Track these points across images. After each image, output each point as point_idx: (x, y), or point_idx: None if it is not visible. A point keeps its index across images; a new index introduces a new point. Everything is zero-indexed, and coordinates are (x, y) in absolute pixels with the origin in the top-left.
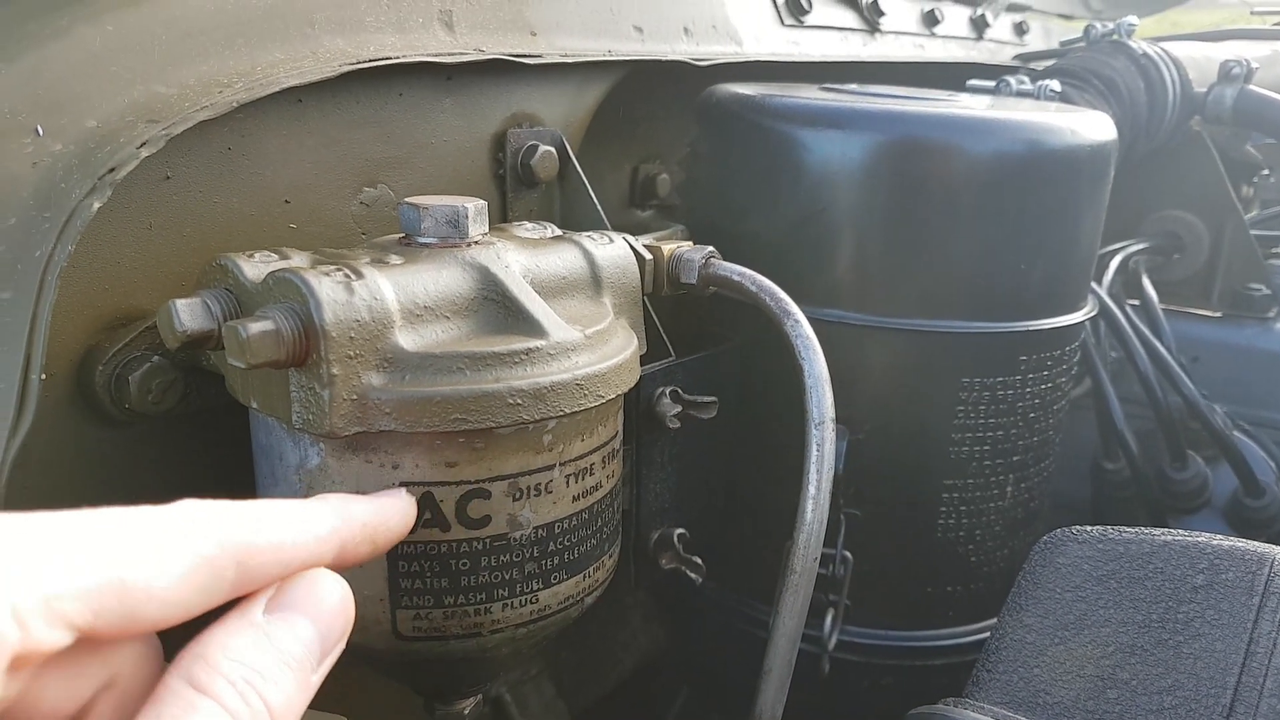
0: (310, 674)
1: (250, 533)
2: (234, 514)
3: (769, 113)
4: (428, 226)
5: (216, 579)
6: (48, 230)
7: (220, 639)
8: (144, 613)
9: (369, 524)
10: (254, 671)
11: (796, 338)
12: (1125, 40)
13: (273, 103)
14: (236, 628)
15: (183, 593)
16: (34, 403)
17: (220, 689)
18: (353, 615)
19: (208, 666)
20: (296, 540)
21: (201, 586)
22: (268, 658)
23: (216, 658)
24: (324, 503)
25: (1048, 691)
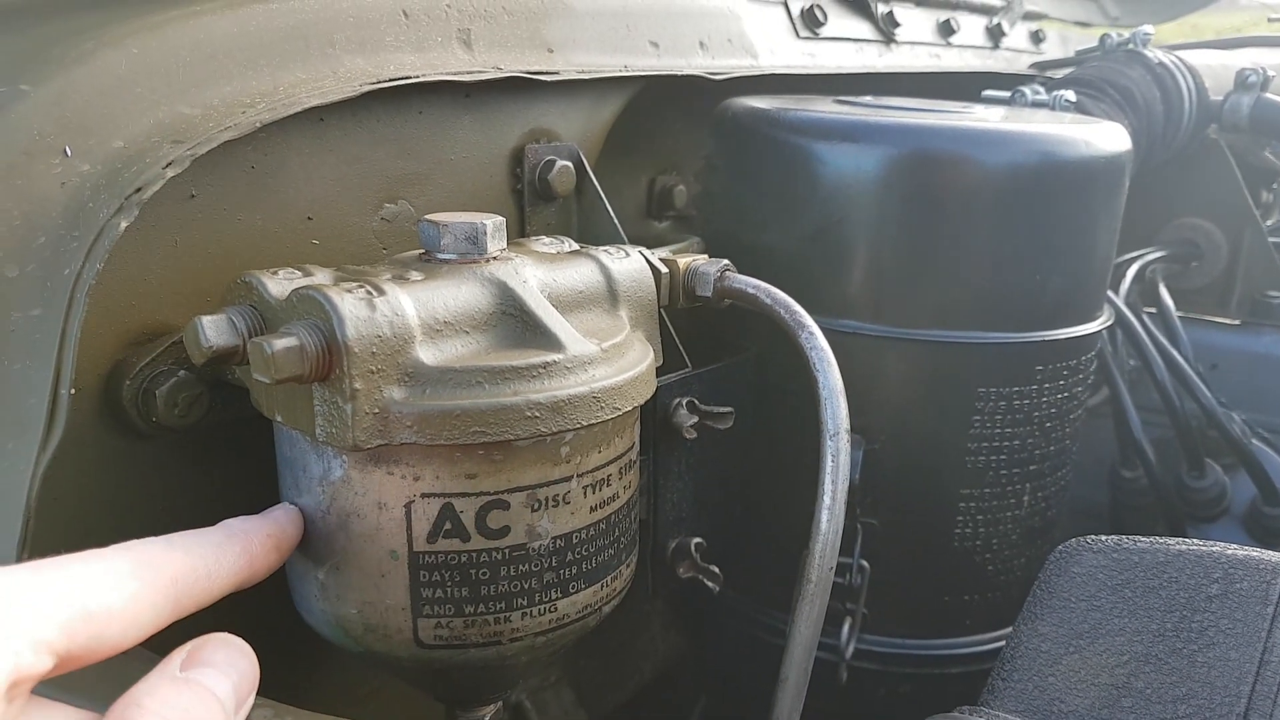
0: (231, 718)
1: (179, 560)
2: (163, 546)
3: (784, 126)
4: (447, 243)
5: (162, 601)
6: (76, 249)
7: (145, 689)
8: (108, 633)
9: (272, 535)
10: (183, 713)
11: (811, 350)
12: (1141, 49)
13: (295, 122)
14: (157, 681)
15: (137, 615)
16: (64, 416)
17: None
18: (255, 669)
19: (141, 710)
20: (218, 562)
21: (152, 607)
22: (192, 701)
23: (144, 702)
24: (228, 529)
25: (1062, 700)
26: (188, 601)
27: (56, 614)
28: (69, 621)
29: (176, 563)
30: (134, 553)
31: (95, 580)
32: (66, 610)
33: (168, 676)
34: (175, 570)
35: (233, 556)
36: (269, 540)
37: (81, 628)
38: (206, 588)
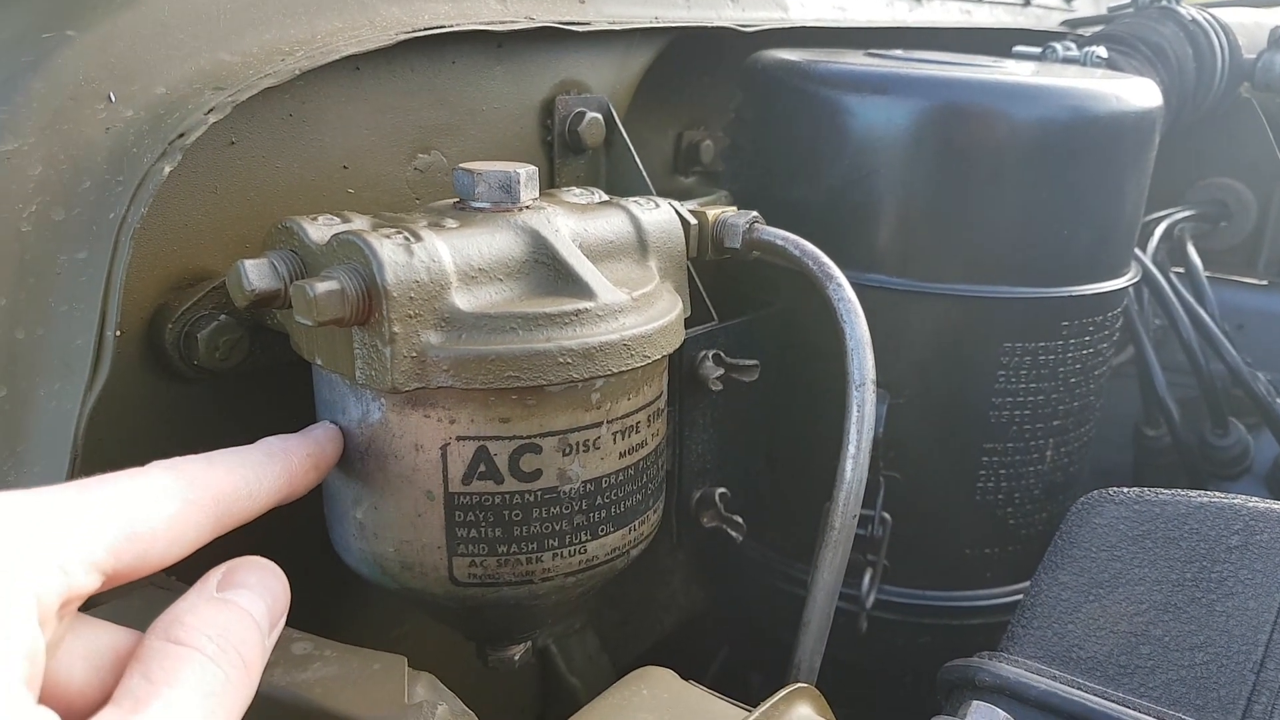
0: (265, 637)
1: (223, 479)
2: (204, 465)
3: (814, 78)
4: (481, 191)
5: (205, 519)
6: (121, 193)
7: (186, 607)
8: (152, 551)
9: (312, 455)
10: (221, 629)
11: (839, 301)
12: (1174, 6)
13: (331, 71)
14: (197, 600)
15: (179, 532)
16: (109, 357)
17: (198, 640)
18: (287, 591)
19: (184, 626)
20: (260, 481)
21: (195, 526)
22: (231, 620)
23: (188, 620)
24: (269, 447)
25: (1081, 647)
26: (229, 519)
27: (105, 534)
28: (116, 541)
29: (219, 480)
30: (177, 471)
31: (140, 499)
32: (114, 530)
33: (206, 596)
34: (217, 488)
35: (273, 475)
36: (308, 459)
37: (127, 546)
38: (247, 506)
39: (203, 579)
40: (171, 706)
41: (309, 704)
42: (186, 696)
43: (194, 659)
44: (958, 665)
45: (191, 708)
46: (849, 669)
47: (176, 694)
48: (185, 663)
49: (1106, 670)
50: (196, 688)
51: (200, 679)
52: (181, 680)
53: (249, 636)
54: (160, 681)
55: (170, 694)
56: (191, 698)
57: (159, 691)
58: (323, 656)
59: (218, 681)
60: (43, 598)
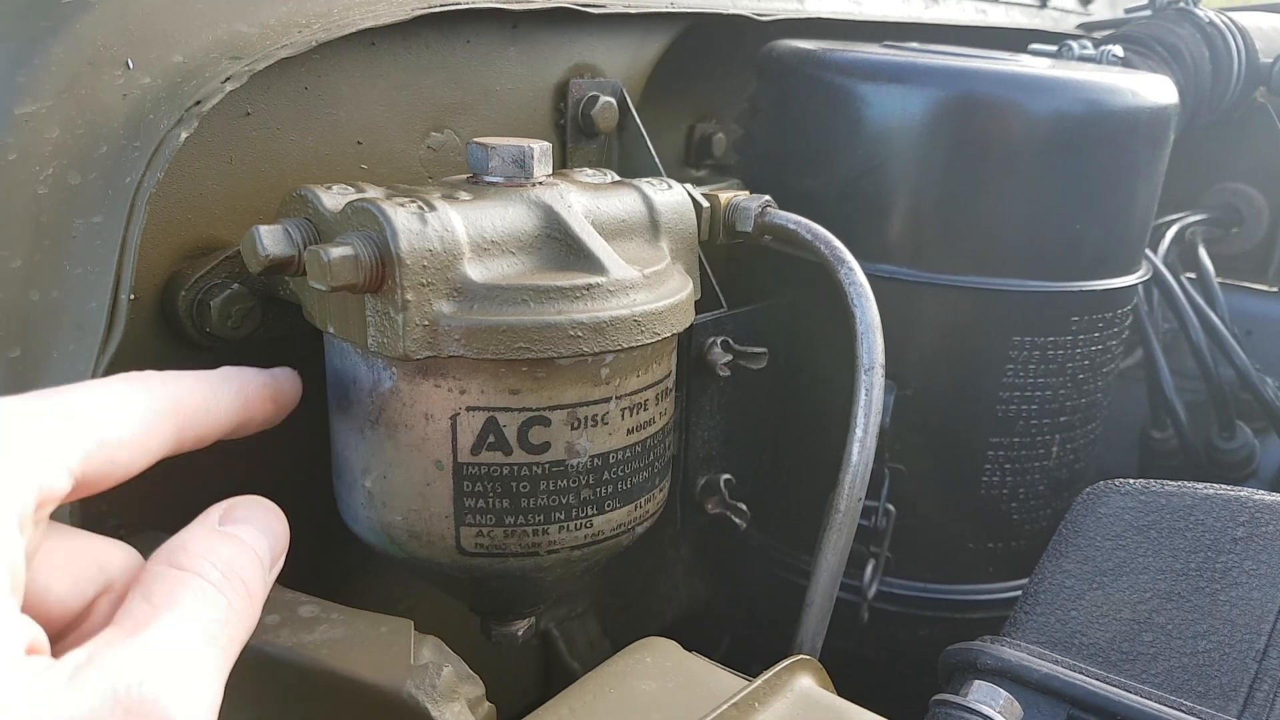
0: (267, 572)
1: (184, 393)
2: (162, 380)
3: (829, 67)
4: (495, 165)
5: (165, 426)
6: (137, 158)
7: (190, 536)
8: (119, 459)
9: (267, 384)
10: (227, 559)
11: (850, 285)
12: (1191, 8)
13: (347, 45)
14: (200, 531)
15: (144, 441)
16: (123, 320)
17: (202, 567)
18: (286, 531)
19: (188, 553)
20: (216, 395)
21: (159, 435)
22: (234, 551)
23: (192, 547)
24: (226, 371)
25: (1084, 633)
26: (189, 433)
27: (77, 439)
28: (88, 446)
29: (180, 393)
30: (141, 381)
31: (108, 406)
32: (84, 436)
33: (208, 528)
34: (178, 400)
35: (229, 395)
36: (264, 389)
37: (97, 453)
38: (205, 422)
39: (204, 514)
40: (172, 629)
41: (316, 665)
42: (189, 620)
43: (197, 584)
44: (960, 648)
45: (194, 632)
46: (849, 658)
47: (177, 616)
48: (188, 588)
49: (1109, 656)
50: (199, 613)
51: (203, 604)
52: (183, 603)
53: (252, 568)
54: (161, 605)
55: (170, 617)
56: (194, 622)
57: (159, 615)
58: (329, 619)
59: (220, 608)
60: (20, 501)
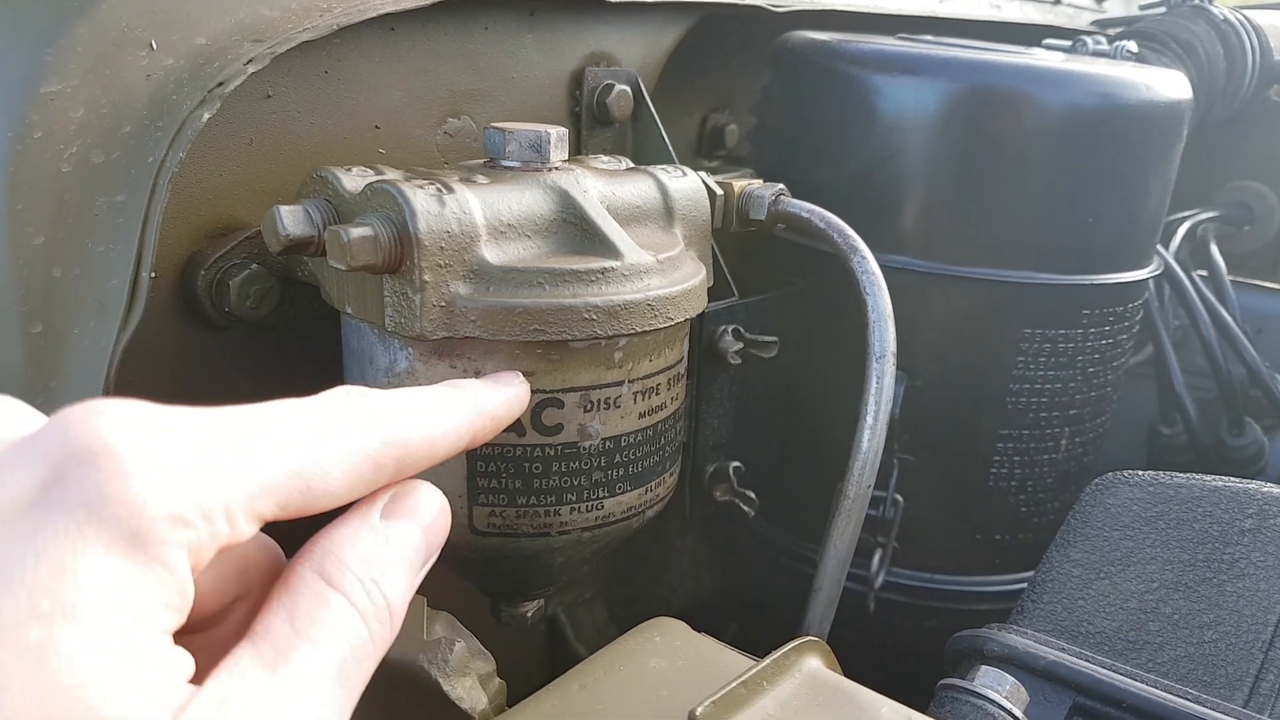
0: (417, 577)
1: (408, 429)
2: (391, 408)
3: (844, 58)
4: (512, 150)
5: (378, 473)
6: (160, 138)
7: (347, 538)
8: (315, 505)
9: (497, 416)
10: (378, 571)
11: (862, 273)
12: (1206, 5)
13: (368, 29)
14: (359, 529)
15: (348, 485)
16: (144, 297)
17: (350, 585)
18: (449, 525)
19: (338, 563)
20: (444, 434)
21: (364, 480)
22: (388, 560)
23: (345, 555)
24: (460, 394)
25: (1090, 621)
26: (405, 469)
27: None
28: (282, 488)
29: (402, 424)
30: (359, 405)
31: (319, 436)
32: (281, 474)
33: (369, 524)
34: (399, 432)
35: (455, 426)
36: (492, 422)
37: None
38: (424, 457)
39: (369, 500)
40: (309, 666)
41: None
42: (327, 654)
43: (342, 607)
44: (967, 635)
45: (328, 671)
46: (855, 648)
47: (317, 646)
48: (333, 611)
49: (1115, 645)
50: (338, 645)
51: (344, 634)
52: (324, 630)
53: (401, 583)
54: (304, 631)
55: (310, 647)
56: (331, 657)
57: (300, 644)
58: None
59: (360, 640)
60: (201, 551)
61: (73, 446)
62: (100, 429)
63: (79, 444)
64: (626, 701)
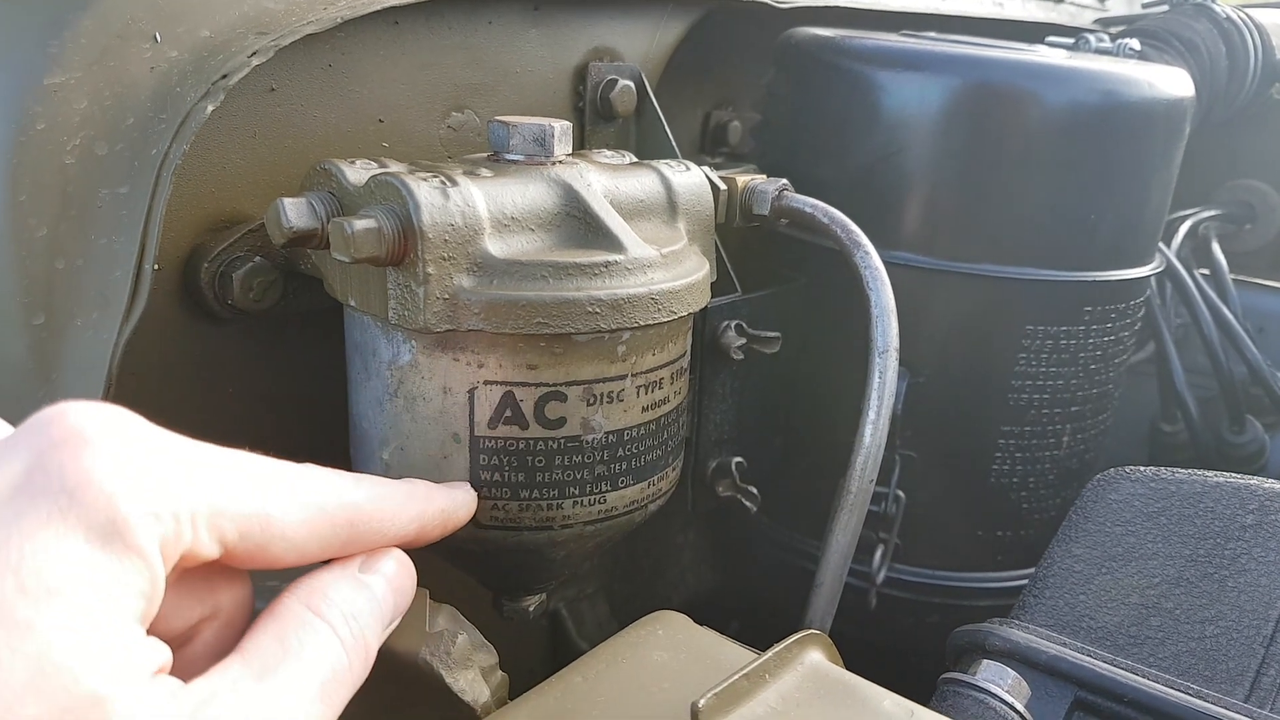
0: (386, 631)
1: (365, 501)
2: (351, 484)
3: (847, 54)
4: (515, 143)
5: (333, 535)
6: (164, 130)
7: (330, 580)
8: (273, 549)
9: (444, 510)
10: (357, 611)
11: (865, 269)
12: (1208, 3)
13: (371, 23)
14: (340, 575)
15: (306, 540)
16: (147, 290)
17: (333, 617)
18: (414, 590)
19: (324, 598)
20: (394, 513)
21: (321, 539)
22: (365, 604)
23: (330, 592)
24: (413, 488)
25: (1092, 616)
26: (354, 546)
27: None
28: (246, 518)
29: (361, 506)
30: (324, 480)
31: (287, 492)
32: (248, 505)
33: (349, 574)
34: (356, 513)
35: (408, 517)
36: (441, 514)
37: (255, 531)
38: (375, 540)
39: (349, 558)
40: (295, 679)
41: None
42: (309, 672)
43: (326, 635)
44: (968, 629)
45: (311, 686)
46: (856, 644)
47: (302, 668)
48: (318, 636)
49: (1116, 640)
50: (320, 666)
51: (326, 657)
52: (310, 651)
53: (375, 627)
54: (292, 650)
55: (296, 666)
56: (314, 675)
57: (287, 661)
58: None
59: (341, 665)
60: (167, 549)
61: (56, 437)
62: (80, 423)
63: (61, 434)
64: (629, 694)
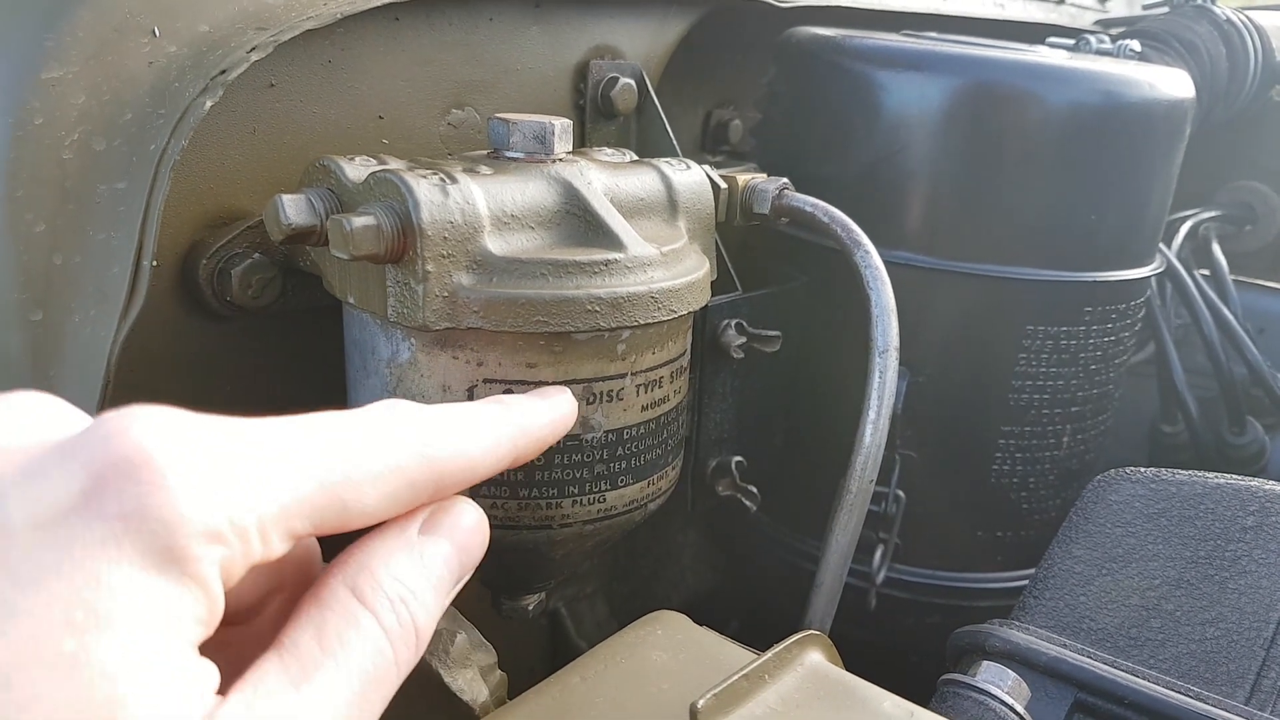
0: (447, 598)
1: (451, 450)
2: (435, 428)
3: (848, 53)
4: (515, 141)
5: (415, 494)
6: (162, 125)
7: (383, 554)
8: (349, 524)
9: (542, 437)
10: (409, 591)
11: (866, 268)
12: (1209, 6)
13: (371, 19)
14: (396, 545)
15: (384, 505)
16: (145, 287)
17: (380, 605)
18: (486, 544)
19: (373, 580)
20: (484, 454)
21: (400, 500)
22: (421, 580)
23: (380, 573)
24: (505, 412)
25: (1092, 618)
26: (445, 488)
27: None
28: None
29: (445, 461)
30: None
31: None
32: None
33: (405, 542)
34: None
35: (499, 455)
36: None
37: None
38: (465, 476)
39: (408, 518)
40: (332, 685)
41: None
42: (350, 676)
43: (371, 630)
44: (968, 630)
45: (351, 692)
46: (856, 644)
47: (340, 672)
48: (361, 633)
49: (1116, 641)
50: (360, 667)
51: (368, 656)
52: (351, 653)
53: (430, 604)
54: (331, 649)
55: (334, 670)
56: (352, 677)
57: (325, 663)
58: None
59: (385, 663)
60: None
61: (114, 456)
62: (141, 439)
63: (119, 453)
64: (628, 694)
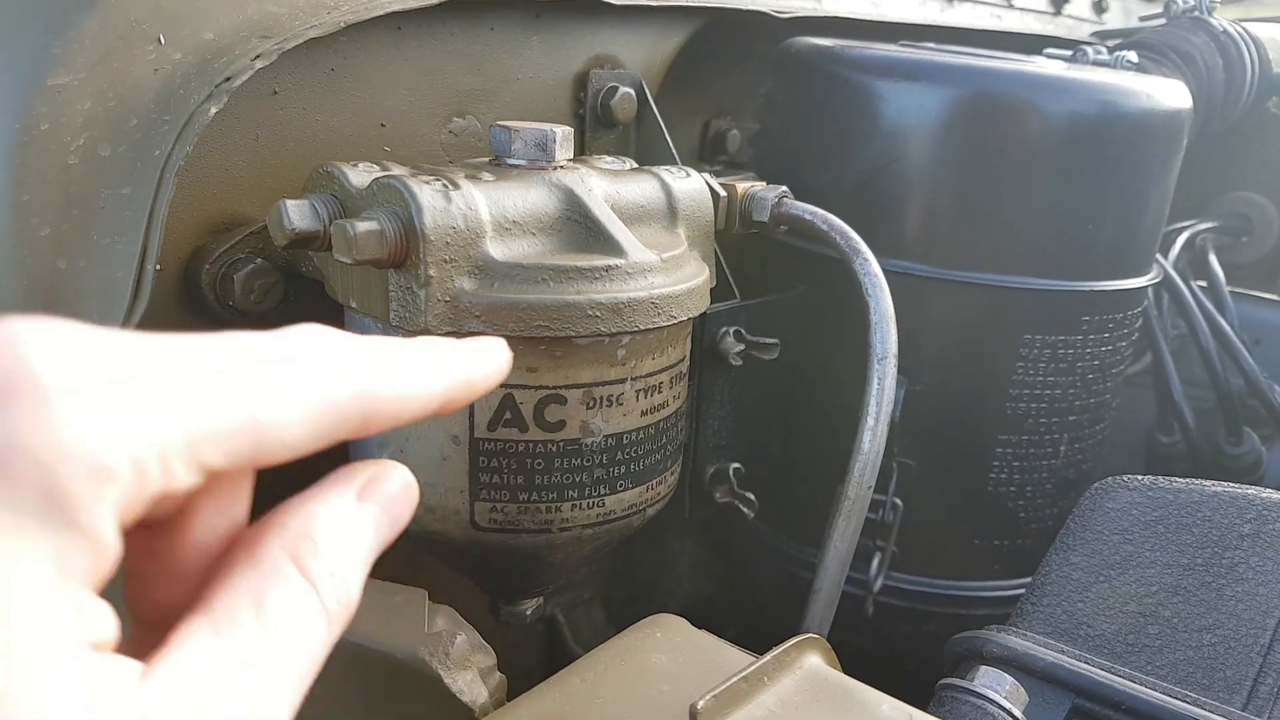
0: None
1: (382, 385)
2: (364, 359)
3: (846, 63)
4: (517, 148)
5: (341, 428)
6: (167, 132)
7: (324, 517)
8: (270, 457)
9: (474, 384)
10: (347, 563)
11: (864, 275)
12: (1205, 17)
13: (374, 28)
14: (339, 512)
15: (310, 441)
16: (148, 291)
17: (323, 581)
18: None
19: (313, 548)
20: (416, 395)
21: (324, 433)
22: (360, 550)
23: (322, 538)
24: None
25: (1090, 624)
26: (365, 434)
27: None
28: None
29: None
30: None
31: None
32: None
33: (347, 504)
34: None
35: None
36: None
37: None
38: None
39: (347, 474)
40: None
41: None
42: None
43: (312, 607)
44: (966, 636)
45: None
46: (853, 652)
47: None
48: (304, 612)
49: (1114, 648)
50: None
51: (309, 638)
52: (293, 633)
53: (360, 576)
54: (271, 622)
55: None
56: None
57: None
58: None
59: (320, 645)
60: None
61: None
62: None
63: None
64: (627, 696)
